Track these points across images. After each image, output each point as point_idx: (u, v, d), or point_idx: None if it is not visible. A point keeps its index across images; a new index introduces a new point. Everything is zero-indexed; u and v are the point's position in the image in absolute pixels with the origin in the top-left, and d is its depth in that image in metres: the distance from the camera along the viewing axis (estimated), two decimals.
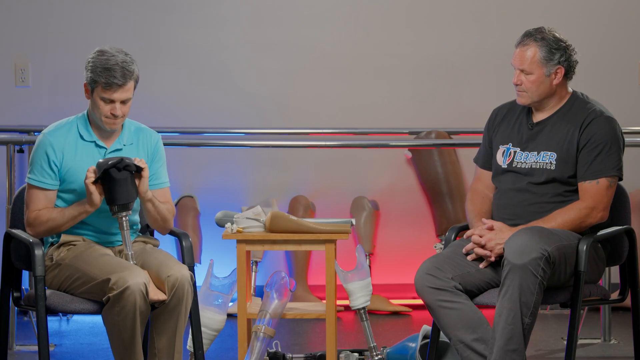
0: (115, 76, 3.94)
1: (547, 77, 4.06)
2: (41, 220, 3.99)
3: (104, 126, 4.03)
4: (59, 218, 3.99)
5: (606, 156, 4.01)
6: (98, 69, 3.95)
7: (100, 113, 3.99)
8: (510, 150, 4.15)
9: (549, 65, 4.05)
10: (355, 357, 4.62)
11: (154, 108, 6.29)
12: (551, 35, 4.06)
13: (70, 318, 5.94)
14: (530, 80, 4.06)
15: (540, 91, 4.07)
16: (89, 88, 4.00)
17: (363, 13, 6.52)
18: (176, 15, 6.46)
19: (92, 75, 3.96)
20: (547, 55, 4.04)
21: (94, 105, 4.01)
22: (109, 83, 3.94)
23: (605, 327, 5.32)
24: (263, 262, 6.26)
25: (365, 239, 6.23)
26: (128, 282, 3.78)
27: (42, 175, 4.02)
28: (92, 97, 4.00)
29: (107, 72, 3.94)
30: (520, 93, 4.10)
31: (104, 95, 3.96)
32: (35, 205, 4.02)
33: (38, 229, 4.01)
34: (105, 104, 3.97)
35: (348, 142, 6.35)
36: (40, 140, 4.05)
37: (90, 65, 3.98)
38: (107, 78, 3.93)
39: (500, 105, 4.30)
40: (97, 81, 3.95)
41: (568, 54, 4.06)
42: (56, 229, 4.02)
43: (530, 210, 4.07)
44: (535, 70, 4.05)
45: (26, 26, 6.41)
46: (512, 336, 3.83)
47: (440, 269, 4.01)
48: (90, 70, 3.97)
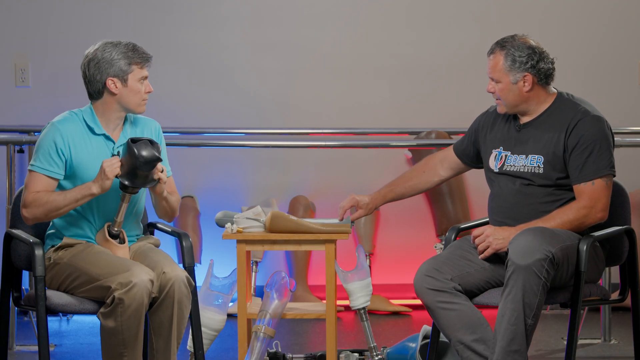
0: (142, 52, 4.05)
1: (514, 85, 4.06)
2: (40, 202, 3.93)
3: (140, 110, 4.06)
4: (60, 200, 3.93)
5: (597, 156, 4.01)
6: (129, 52, 4.02)
7: (139, 97, 4.04)
8: (501, 154, 4.16)
9: (514, 72, 4.05)
10: (356, 357, 4.62)
11: (154, 108, 6.24)
12: (517, 43, 4.06)
13: (70, 318, 5.94)
14: (500, 88, 4.09)
15: (510, 99, 4.08)
16: (120, 79, 4.00)
17: (363, 13, 6.52)
18: (176, 15, 6.46)
19: (126, 60, 4.00)
20: (511, 63, 4.05)
21: (131, 92, 4.02)
22: (145, 57, 4.04)
23: (605, 327, 5.32)
24: (263, 262, 6.26)
25: (365, 239, 6.23)
26: (134, 280, 3.77)
27: (49, 162, 3.98)
28: (128, 85, 4.01)
29: (136, 51, 4.03)
30: (497, 102, 4.15)
31: (142, 74, 4.03)
32: (34, 187, 3.97)
33: (36, 210, 3.95)
34: (142, 85, 4.04)
35: (348, 142, 6.36)
36: (48, 129, 4.02)
37: (116, 54, 4.01)
38: (140, 56, 4.02)
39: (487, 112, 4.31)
40: (131, 64, 4.00)
41: (535, 60, 4.04)
42: (55, 212, 3.95)
43: (524, 211, 4.07)
44: (502, 79, 4.08)
45: (26, 26, 6.41)
46: (514, 337, 3.83)
47: (439, 270, 4.01)
48: (121, 58, 4.00)
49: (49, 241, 4.09)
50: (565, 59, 6.24)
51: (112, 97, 4.03)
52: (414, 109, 6.51)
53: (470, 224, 4.46)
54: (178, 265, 3.96)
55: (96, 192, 3.94)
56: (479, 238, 4.04)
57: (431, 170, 4.38)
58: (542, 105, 4.11)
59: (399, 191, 4.40)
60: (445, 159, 4.37)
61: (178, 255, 5.90)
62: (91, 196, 3.95)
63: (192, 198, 6.35)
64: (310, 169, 6.49)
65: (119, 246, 4.01)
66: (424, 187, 4.39)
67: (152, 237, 4.25)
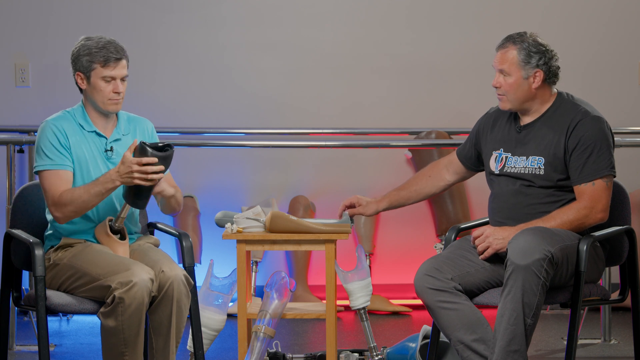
0: (111, 51, 3.98)
1: (525, 80, 4.06)
2: (66, 200, 3.92)
3: (107, 109, 4.02)
4: (85, 197, 3.91)
5: (597, 157, 4.01)
6: (93, 49, 3.98)
7: (103, 95, 4.00)
8: (502, 155, 4.16)
9: (527, 68, 4.06)
10: (356, 357, 4.62)
11: (154, 108, 6.29)
12: (531, 39, 4.08)
13: (70, 318, 5.94)
14: (509, 83, 4.07)
15: (518, 94, 4.07)
16: (85, 75, 4.00)
17: (363, 13, 6.52)
18: (176, 15, 6.46)
19: (88, 57, 3.98)
20: (525, 57, 4.05)
21: (94, 90, 4.00)
22: (107, 58, 3.97)
23: (605, 327, 5.32)
24: (263, 262, 6.26)
25: (365, 239, 6.23)
26: (134, 279, 3.77)
27: (57, 156, 3.98)
28: (91, 83, 4.00)
29: (102, 51, 3.98)
30: (500, 97, 4.12)
31: (105, 74, 3.98)
32: (55, 187, 3.95)
33: (65, 209, 3.93)
34: (107, 84, 3.99)
35: (348, 142, 6.36)
36: (44, 127, 4.03)
37: (82, 50, 4.00)
38: (105, 55, 3.97)
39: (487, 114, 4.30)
40: (94, 62, 3.97)
41: (548, 57, 4.07)
42: (85, 209, 3.94)
43: (524, 212, 4.07)
44: (513, 72, 4.07)
45: (26, 26, 6.41)
46: (514, 337, 3.83)
47: (440, 270, 4.01)
48: (84, 55, 3.98)
49: (48, 242, 4.09)
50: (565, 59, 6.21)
51: (85, 93, 4.05)
52: (414, 109, 6.51)
53: (470, 224, 4.46)
54: (177, 264, 3.96)
55: (119, 185, 3.93)
56: (479, 239, 4.04)
57: (437, 175, 4.38)
58: (545, 105, 4.11)
59: (405, 195, 4.39)
60: (451, 163, 4.38)
61: (178, 255, 5.90)
62: (115, 187, 3.92)
63: (192, 198, 6.35)
64: (310, 169, 6.49)
65: (120, 242, 4.01)
66: (430, 192, 4.39)
67: (151, 237, 4.25)
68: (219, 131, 6.25)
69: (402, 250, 6.41)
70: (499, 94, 4.12)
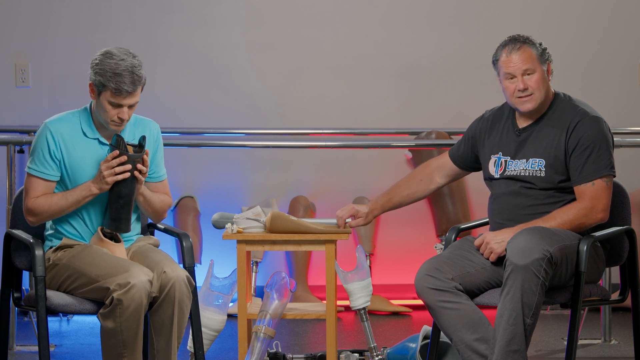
0: (125, 82, 3.88)
1: (545, 74, 4.09)
2: (42, 207, 3.96)
3: (109, 128, 4.00)
4: (62, 203, 3.97)
5: (597, 157, 4.01)
6: (108, 73, 3.89)
7: (107, 116, 3.96)
8: (501, 159, 4.16)
9: (543, 62, 4.09)
10: (356, 357, 4.62)
11: (154, 108, 6.28)
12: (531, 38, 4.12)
13: (71, 318, 5.94)
14: (536, 80, 4.06)
15: (543, 89, 4.08)
16: (96, 90, 3.95)
17: (363, 13, 6.52)
18: (176, 15, 6.46)
19: (101, 79, 3.90)
20: (541, 52, 4.09)
21: (100, 108, 3.96)
22: (119, 89, 3.89)
23: (605, 328, 5.32)
24: (263, 263, 6.26)
25: (365, 239, 6.23)
26: (133, 281, 3.77)
27: (43, 165, 3.99)
28: (99, 99, 3.95)
29: (117, 78, 3.88)
30: (526, 98, 4.07)
31: (113, 100, 3.92)
32: (34, 192, 3.99)
33: (39, 216, 3.99)
34: (113, 108, 3.93)
35: (348, 142, 6.36)
36: (41, 130, 4.02)
37: (98, 67, 3.92)
38: (117, 84, 3.88)
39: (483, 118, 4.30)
40: (105, 85, 3.90)
41: (548, 52, 4.12)
42: (59, 214, 3.99)
43: (524, 213, 4.07)
44: (537, 68, 4.07)
45: (26, 26, 6.41)
46: (513, 337, 3.83)
47: (440, 270, 4.01)
48: (99, 74, 3.90)
49: (47, 242, 4.09)
50: (565, 59, 6.26)
51: (94, 102, 4.03)
52: (414, 109, 6.51)
53: (471, 224, 4.47)
54: (178, 265, 3.97)
55: (96, 193, 3.96)
56: (481, 247, 4.05)
57: (428, 178, 4.38)
58: (547, 102, 4.11)
59: (397, 200, 4.41)
60: (442, 166, 4.37)
61: (178, 256, 5.89)
62: (92, 196, 3.97)
63: (192, 198, 6.35)
64: (310, 169, 6.49)
65: (116, 245, 4.01)
66: (422, 195, 4.41)
67: (151, 238, 4.25)
68: (219, 131, 6.25)
69: (402, 250, 6.41)
70: (525, 95, 4.06)
